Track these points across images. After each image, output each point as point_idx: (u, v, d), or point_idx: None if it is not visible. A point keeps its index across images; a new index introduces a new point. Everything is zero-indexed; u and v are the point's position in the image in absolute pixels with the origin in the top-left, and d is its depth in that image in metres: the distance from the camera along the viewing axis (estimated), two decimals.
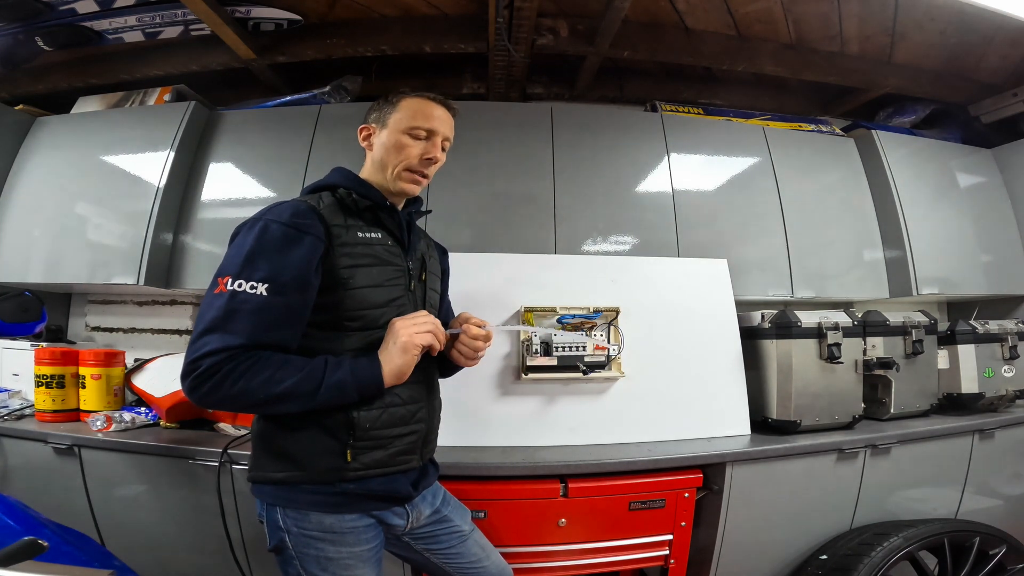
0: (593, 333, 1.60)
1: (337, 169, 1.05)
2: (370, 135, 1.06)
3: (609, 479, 1.41)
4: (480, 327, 1.05)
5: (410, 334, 0.91)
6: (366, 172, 1.06)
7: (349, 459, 0.90)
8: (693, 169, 2.07)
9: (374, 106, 1.08)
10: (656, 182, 2.04)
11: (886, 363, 1.73)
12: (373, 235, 0.98)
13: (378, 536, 0.97)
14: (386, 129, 1.03)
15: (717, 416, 1.64)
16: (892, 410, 1.78)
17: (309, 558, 0.90)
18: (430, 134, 1.02)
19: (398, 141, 1.01)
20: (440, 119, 1.03)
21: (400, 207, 1.06)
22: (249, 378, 0.79)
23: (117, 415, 1.62)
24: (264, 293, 0.82)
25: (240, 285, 0.82)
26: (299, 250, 0.86)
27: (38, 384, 1.67)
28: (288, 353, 0.86)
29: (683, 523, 1.45)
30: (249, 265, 0.83)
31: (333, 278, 0.90)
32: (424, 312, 0.98)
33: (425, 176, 1.03)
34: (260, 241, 0.85)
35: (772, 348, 1.67)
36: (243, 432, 1.58)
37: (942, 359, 1.94)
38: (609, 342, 1.61)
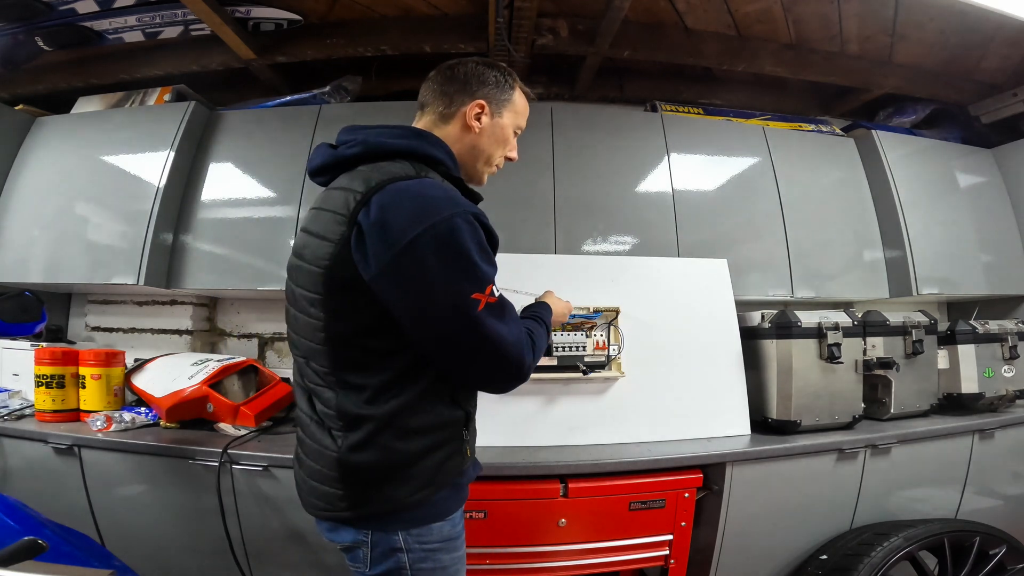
0: (593, 333, 1.60)
1: (439, 141, 0.91)
2: (482, 114, 0.94)
3: (609, 479, 1.41)
4: None
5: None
6: (455, 152, 0.94)
7: (469, 454, 0.92)
8: (693, 169, 2.08)
9: (484, 77, 0.95)
10: (656, 182, 2.04)
11: (886, 363, 1.73)
12: None
13: None
14: (500, 118, 0.96)
15: (717, 416, 1.64)
16: (892, 410, 1.78)
17: (426, 571, 0.85)
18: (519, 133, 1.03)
19: (507, 136, 0.99)
20: None
21: None
22: (537, 349, 0.92)
23: (117, 415, 1.62)
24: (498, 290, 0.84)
25: (497, 291, 0.82)
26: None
27: (38, 384, 1.67)
28: None
29: (683, 523, 1.45)
30: (486, 267, 0.80)
31: None
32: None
33: None
34: (479, 242, 0.80)
35: (772, 348, 1.67)
36: (243, 432, 1.58)
37: (942, 359, 1.93)
38: (609, 342, 1.61)
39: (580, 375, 1.56)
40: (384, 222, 0.75)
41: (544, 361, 1.56)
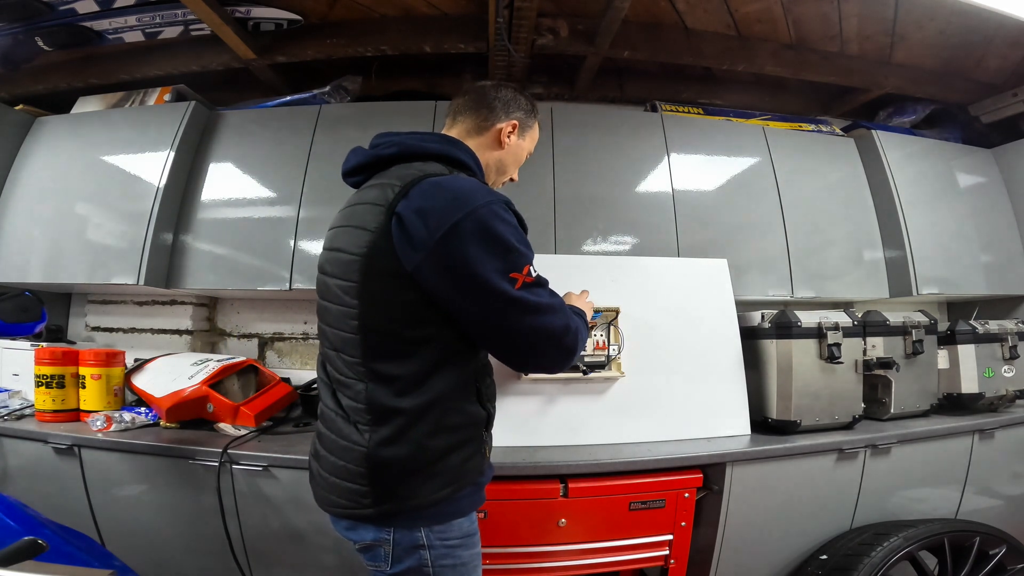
0: (593, 333, 1.60)
1: (468, 149, 0.97)
2: (512, 133, 1.04)
3: (609, 479, 1.40)
4: None
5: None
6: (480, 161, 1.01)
7: (487, 454, 0.94)
8: (693, 169, 2.07)
9: (519, 102, 1.05)
10: (656, 182, 2.04)
11: (886, 363, 1.72)
12: None
13: None
14: (523, 140, 1.07)
15: (717, 416, 1.64)
16: (892, 410, 1.78)
17: (446, 568, 0.86)
18: None
19: (523, 158, 1.09)
20: None
21: None
22: (582, 337, 0.92)
23: (117, 415, 1.62)
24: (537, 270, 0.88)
25: (534, 271, 0.86)
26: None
27: (38, 384, 1.67)
28: None
29: (683, 523, 1.45)
30: (524, 249, 0.85)
31: None
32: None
33: None
34: (514, 226, 0.86)
35: (772, 348, 1.67)
36: (243, 432, 1.58)
37: (942, 359, 1.93)
38: (609, 342, 1.61)
39: (580, 375, 1.56)
40: (425, 210, 0.79)
41: None
